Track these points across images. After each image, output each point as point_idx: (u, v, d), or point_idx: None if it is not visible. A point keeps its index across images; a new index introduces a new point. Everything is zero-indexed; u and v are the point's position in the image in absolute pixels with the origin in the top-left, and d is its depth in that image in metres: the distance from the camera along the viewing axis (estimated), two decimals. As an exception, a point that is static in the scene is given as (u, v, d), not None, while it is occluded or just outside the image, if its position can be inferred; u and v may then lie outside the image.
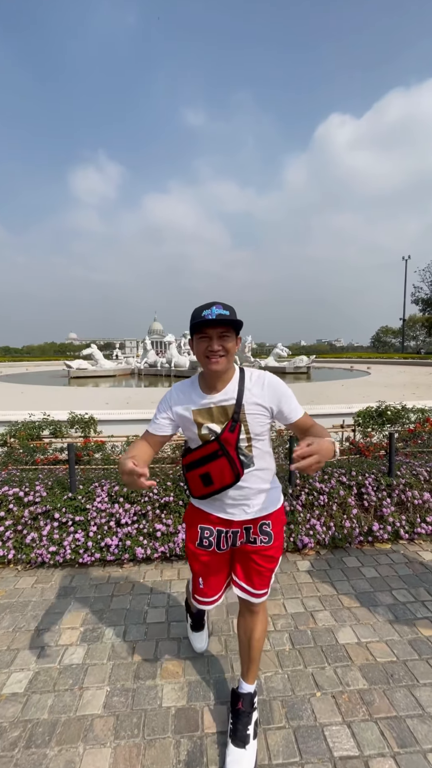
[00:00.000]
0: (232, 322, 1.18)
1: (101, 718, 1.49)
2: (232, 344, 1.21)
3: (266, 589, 1.40)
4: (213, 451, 1.25)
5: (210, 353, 1.19)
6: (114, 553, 2.53)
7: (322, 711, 1.50)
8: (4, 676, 1.69)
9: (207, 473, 1.27)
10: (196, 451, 1.28)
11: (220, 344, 1.19)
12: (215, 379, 1.25)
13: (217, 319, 1.14)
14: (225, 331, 1.19)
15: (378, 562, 2.53)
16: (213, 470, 1.26)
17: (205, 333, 1.19)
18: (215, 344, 1.18)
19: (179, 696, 1.59)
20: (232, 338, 1.21)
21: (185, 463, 1.34)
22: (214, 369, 1.20)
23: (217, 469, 1.26)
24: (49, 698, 1.58)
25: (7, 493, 2.67)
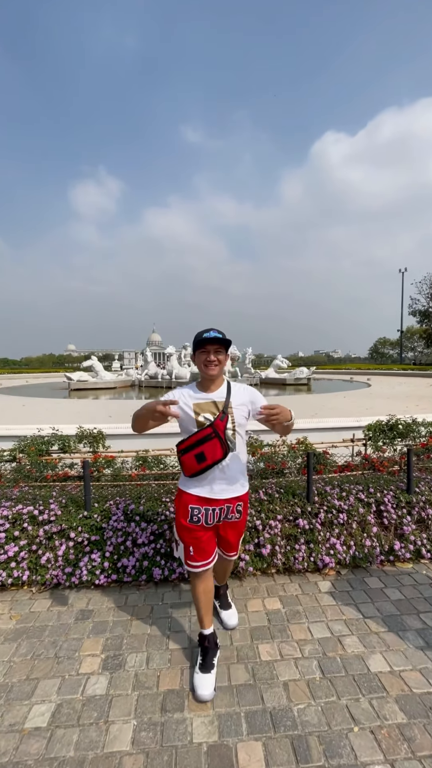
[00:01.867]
0: (224, 341, 1.65)
1: (130, 755, 1.42)
2: (223, 357, 1.69)
3: (235, 551, 1.94)
4: (207, 434, 1.63)
5: (208, 362, 1.67)
6: (131, 574, 2.46)
7: (361, 748, 1.43)
8: (26, 708, 1.62)
9: (201, 452, 1.63)
10: (193, 436, 1.64)
11: (215, 356, 1.67)
12: (210, 382, 1.73)
13: (213, 338, 1.62)
14: (219, 348, 1.67)
15: (401, 582, 2.48)
16: (206, 449, 1.63)
17: (205, 348, 1.67)
18: (212, 356, 1.67)
19: (210, 731, 1.52)
20: (223, 353, 1.70)
21: (182, 448, 1.68)
22: (210, 374, 1.68)
23: (210, 448, 1.62)
24: (74, 733, 1.51)
25: (21, 512, 2.61)
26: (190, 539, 1.75)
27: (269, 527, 2.61)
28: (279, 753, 1.42)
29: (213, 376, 1.69)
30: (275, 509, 2.69)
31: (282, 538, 2.62)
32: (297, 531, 2.64)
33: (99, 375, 20.05)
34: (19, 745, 1.46)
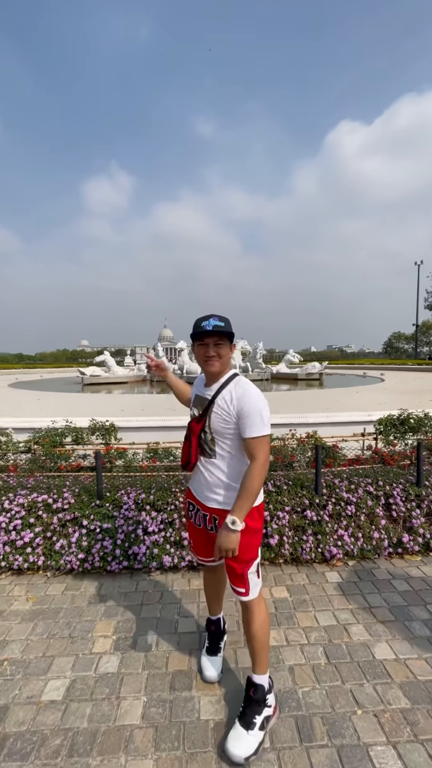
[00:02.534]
0: (225, 333, 1.41)
1: (140, 729, 1.49)
2: (225, 351, 1.44)
3: (243, 588, 1.48)
4: (187, 432, 1.53)
5: (207, 357, 1.44)
6: (141, 561, 2.53)
7: (364, 730, 1.46)
8: (42, 683, 1.71)
9: (184, 446, 1.54)
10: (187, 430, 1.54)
11: (215, 351, 1.42)
12: (210, 377, 1.50)
13: (213, 330, 1.38)
14: (219, 340, 1.42)
15: (409, 574, 2.48)
16: (184, 447, 1.54)
17: (203, 341, 1.43)
18: (211, 351, 1.43)
19: (217, 709, 1.57)
20: (226, 346, 1.44)
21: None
22: (209, 371, 1.46)
23: (185, 447, 1.53)
24: (87, 707, 1.59)
25: (36, 500, 2.71)
26: (189, 530, 1.72)
27: (277, 518, 2.64)
28: (283, 732, 1.47)
29: (213, 373, 1.46)
30: (283, 500, 2.72)
31: (290, 529, 2.65)
32: (305, 522, 2.67)
33: (111, 370, 20.31)
34: (36, 716, 1.54)
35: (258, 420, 1.35)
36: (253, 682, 1.51)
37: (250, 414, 1.35)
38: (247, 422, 1.36)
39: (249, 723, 1.43)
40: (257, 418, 1.35)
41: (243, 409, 1.37)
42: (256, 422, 1.35)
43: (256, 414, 1.35)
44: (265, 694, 1.50)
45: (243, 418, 1.37)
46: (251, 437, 1.36)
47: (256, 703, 1.47)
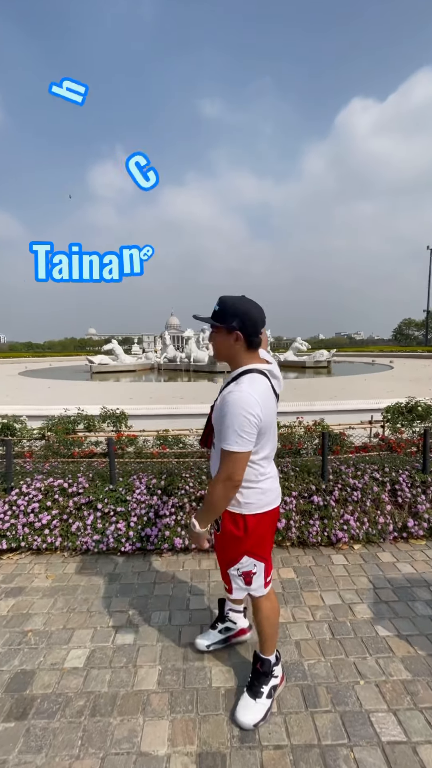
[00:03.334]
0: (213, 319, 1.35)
1: (157, 694, 1.60)
2: (217, 340, 1.38)
3: (227, 585, 1.56)
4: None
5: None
6: (153, 542, 2.64)
7: (366, 698, 1.55)
8: (64, 651, 1.83)
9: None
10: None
11: (211, 338, 1.41)
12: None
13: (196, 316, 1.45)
14: (211, 328, 1.38)
15: (413, 558, 2.55)
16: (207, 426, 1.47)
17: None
18: (209, 337, 1.43)
19: (227, 678, 1.68)
20: (220, 335, 1.36)
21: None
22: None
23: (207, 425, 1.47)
24: (107, 674, 1.71)
25: (52, 485, 2.82)
26: None
27: (284, 503, 2.72)
28: (289, 698, 1.57)
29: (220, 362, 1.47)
30: (290, 486, 2.79)
31: (297, 514, 2.73)
32: (311, 507, 2.74)
33: (119, 358, 20.48)
34: (60, 681, 1.67)
35: (227, 433, 1.23)
36: (259, 657, 1.58)
37: (224, 424, 1.25)
38: (220, 430, 1.29)
39: (257, 692, 1.51)
40: (227, 431, 1.24)
41: (219, 417, 1.29)
42: (225, 434, 1.24)
43: (228, 426, 1.23)
44: (272, 667, 1.58)
45: (218, 425, 1.30)
46: (221, 447, 1.27)
47: (263, 675, 1.55)
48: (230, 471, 1.27)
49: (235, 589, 1.54)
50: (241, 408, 1.21)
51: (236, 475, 1.28)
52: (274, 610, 1.58)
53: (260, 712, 1.48)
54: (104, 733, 1.43)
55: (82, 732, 1.44)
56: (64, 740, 1.41)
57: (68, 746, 1.39)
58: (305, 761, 1.32)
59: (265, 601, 1.56)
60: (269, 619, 1.56)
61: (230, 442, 1.23)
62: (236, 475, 1.28)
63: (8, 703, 1.56)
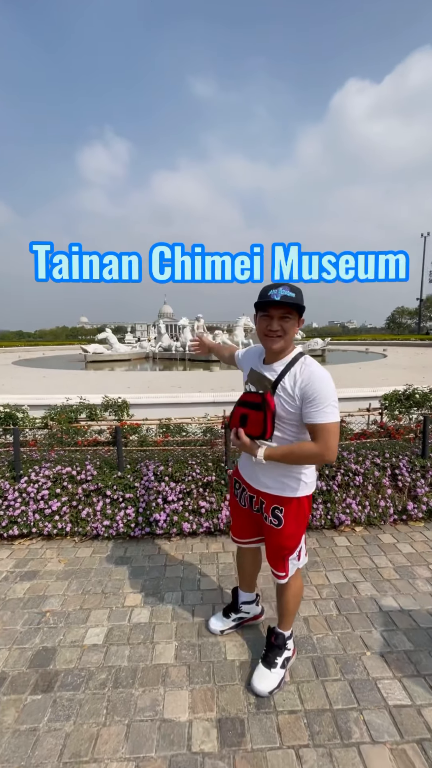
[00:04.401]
0: (295, 306, 1.29)
1: (175, 667, 1.69)
2: (290, 325, 1.32)
3: (283, 572, 1.56)
4: (258, 402, 1.36)
5: (269, 332, 1.33)
6: (162, 527, 2.71)
7: (373, 667, 1.66)
8: (83, 630, 1.90)
9: (246, 415, 1.39)
10: (249, 395, 1.41)
11: (279, 325, 1.32)
12: (271, 355, 1.40)
13: (281, 300, 1.26)
14: (287, 313, 1.31)
15: (413, 538, 2.67)
16: (251, 417, 1.37)
17: (267, 312, 1.33)
18: (275, 325, 1.32)
19: (241, 651, 1.77)
20: (293, 321, 1.33)
21: (240, 399, 1.45)
22: (270, 347, 1.36)
23: (254, 418, 1.36)
24: (125, 649, 1.78)
25: (60, 472, 2.86)
26: (231, 507, 1.76)
27: (289, 488, 2.80)
28: (301, 668, 1.66)
29: (275, 351, 1.36)
30: (295, 472, 2.87)
31: (301, 498, 2.81)
32: (315, 492, 2.82)
33: (114, 347, 20.33)
34: (81, 656, 1.74)
35: (327, 406, 1.25)
36: (274, 631, 1.68)
37: (317, 400, 1.25)
38: (313, 408, 1.26)
39: (271, 663, 1.61)
40: (325, 404, 1.25)
41: (309, 395, 1.26)
42: (326, 409, 1.25)
43: (324, 400, 1.25)
44: (286, 641, 1.67)
45: (309, 404, 1.26)
46: (319, 422, 1.25)
47: (277, 647, 1.64)
48: (332, 444, 1.25)
49: (291, 571, 1.56)
50: (327, 381, 1.27)
51: (334, 449, 1.26)
52: (301, 587, 1.67)
53: (275, 680, 1.57)
54: (128, 703, 1.52)
55: (107, 702, 1.52)
56: (90, 709, 1.49)
57: (94, 714, 1.47)
58: (318, 724, 1.42)
59: (297, 577, 1.62)
60: (296, 597, 1.65)
61: (332, 413, 1.25)
62: (334, 449, 1.26)
63: (33, 677, 1.64)
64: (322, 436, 1.26)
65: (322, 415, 1.25)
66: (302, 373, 1.30)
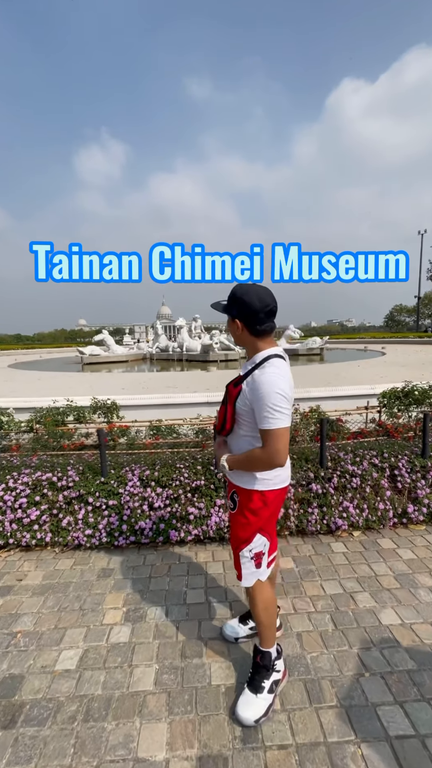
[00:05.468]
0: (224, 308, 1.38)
1: (153, 694, 1.53)
2: (232, 329, 1.38)
3: (237, 570, 1.52)
4: (225, 396, 1.45)
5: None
6: (148, 536, 2.56)
7: (372, 691, 1.50)
8: (55, 653, 1.74)
9: (220, 410, 1.48)
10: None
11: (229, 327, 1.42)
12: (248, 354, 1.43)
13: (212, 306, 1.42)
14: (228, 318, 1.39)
15: (414, 543, 2.51)
16: (219, 412, 1.49)
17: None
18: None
19: (227, 674, 1.61)
20: (229, 323, 1.39)
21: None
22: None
23: (220, 412, 1.48)
24: (101, 675, 1.62)
25: (40, 478, 2.70)
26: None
27: (282, 491, 2.64)
28: (293, 694, 1.50)
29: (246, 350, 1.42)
30: (288, 474, 2.71)
31: (295, 502, 2.66)
32: (310, 495, 2.67)
33: (111, 349, 20.18)
34: (51, 684, 1.58)
35: (268, 412, 1.24)
36: (259, 650, 1.54)
37: (259, 405, 1.26)
38: (258, 413, 1.27)
39: (257, 687, 1.46)
40: (266, 410, 1.25)
41: (255, 399, 1.28)
42: (265, 414, 1.25)
43: (265, 406, 1.24)
44: (273, 661, 1.52)
45: (256, 408, 1.28)
46: (262, 427, 1.28)
47: (263, 668, 1.50)
48: (275, 449, 1.27)
49: (245, 575, 1.49)
50: (274, 386, 1.25)
51: (281, 454, 1.28)
52: (269, 601, 1.51)
53: (261, 707, 1.42)
54: (98, 739, 1.36)
55: (75, 739, 1.36)
56: (55, 748, 1.33)
57: (60, 755, 1.31)
58: (311, 761, 1.26)
59: (260, 590, 1.50)
60: (266, 611, 1.51)
61: (275, 419, 1.25)
62: (281, 454, 1.28)
63: (-5, 710, 1.48)
64: (268, 442, 1.28)
65: (266, 422, 1.26)
66: (255, 376, 1.31)
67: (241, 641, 1.77)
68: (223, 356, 17.44)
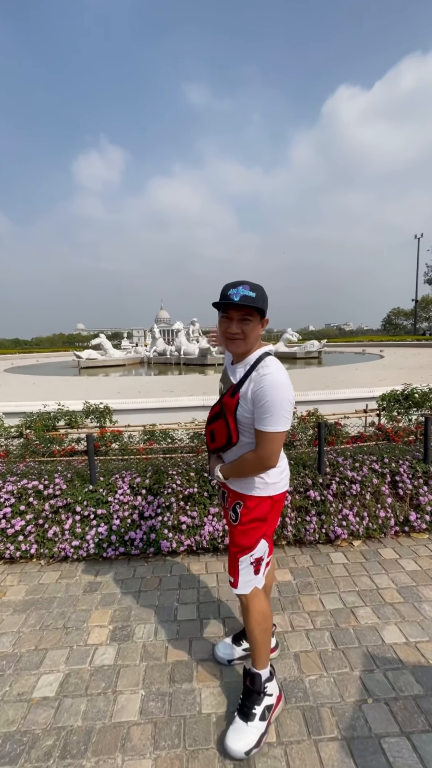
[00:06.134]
0: (255, 308, 1.18)
1: (138, 725, 1.40)
2: (251, 328, 1.22)
3: (233, 576, 1.41)
4: (217, 411, 1.35)
5: (230, 335, 1.23)
6: (138, 546, 2.43)
7: (376, 720, 1.38)
8: (34, 678, 1.61)
9: (213, 430, 1.36)
10: (212, 409, 1.39)
11: (239, 327, 1.21)
12: (235, 357, 1.32)
13: (239, 302, 1.16)
14: (247, 315, 1.20)
15: (417, 553, 2.39)
16: (216, 429, 1.34)
17: (227, 314, 1.22)
18: (234, 327, 1.21)
19: (219, 702, 1.48)
20: (254, 323, 1.22)
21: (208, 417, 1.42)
22: (231, 350, 1.28)
23: (218, 428, 1.33)
24: (81, 703, 1.50)
25: (26, 487, 2.58)
26: (224, 515, 1.60)
27: (279, 499, 2.53)
28: (290, 724, 1.38)
29: (236, 353, 1.28)
30: (285, 481, 2.60)
31: (292, 510, 2.54)
32: (308, 503, 2.56)
33: (108, 353, 20.07)
34: (27, 714, 1.45)
35: (275, 415, 1.16)
36: (249, 672, 1.42)
37: (265, 407, 1.17)
38: (261, 414, 1.19)
39: (248, 714, 1.34)
40: (273, 413, 1.17)
41: (259, 399, 1.18)
42: (273, 418, 1.17)
43: (273, 408, 1.16)
44: (263, 684, 1.40)
45: (258, 409, 1.19)
46: (263, 430, 1.19)
47: (254, 692, 1.38)
48: (270, 451, 1.21)
49: (241, 583, 1.39)
50: (282, 388, 1.17)
51: (275, 456, 1.23)
52: (264, 614, 1.40)
53: (253, 737, 1.30)
54: (75, 780, 1.23)
55: (50, 779, 1.23)
56: (27, 791, 1.20)
57: (32, 799, 1.18)
58: (310, 803, 1.14)
59: (256, 600, 1.40)
60: (261, 624, 1.40)
61: (276, 423, 1.17)
62: (275, 456, 1.23)
63: (-36, 745, 1.35)
64: (263, 443, 1.21)
65: (266, 422, 1.18)
66: (258, 376, 1.21)
67: (235, 663, 1.65)
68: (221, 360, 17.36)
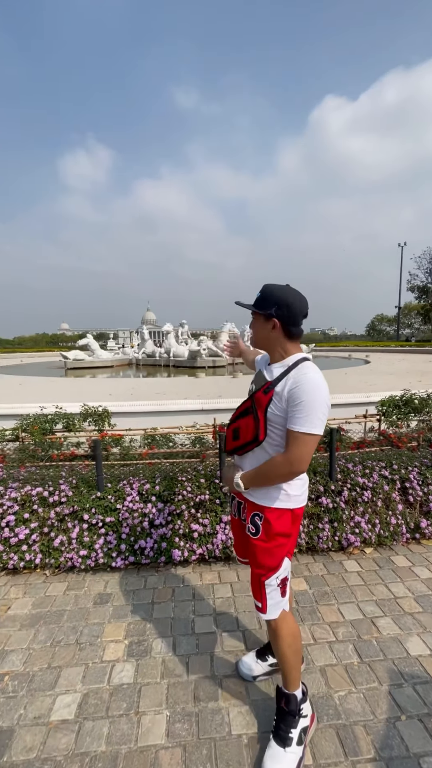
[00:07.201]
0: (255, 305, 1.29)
1: (166, 749, 1.33)
2: (257, 327, 1.31)
3: (260, 602, 1.33)
4: (246, 407, 1.32)
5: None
6: (149, 556, 2.35)
7: (412, 738, 1.35)
8: (50, 699, 1.52)
9: (237, 428, 1.33)
10: (239, 408, 1.37)
11: (251, 325, 1.34)
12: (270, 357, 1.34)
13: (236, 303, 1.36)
14: (253, 314, 1.32)
15: (429, 561, 2.40)
16: (242, 425, 1.31)
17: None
18: (249, 326, 1.37)
19: (249, 722, 1.43)
20: (258, 321, 1.30)
21: (231, 417, 1.40)
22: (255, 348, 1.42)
23: (245, 424, 1.30)
24: (104, 726, 1.42)
25: (30, 493, 2.46)
26: (231, 523, 1.56)
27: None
28: (325, 745, 1.34)
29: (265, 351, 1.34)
30: (297, 488, 2.57)
31: (305, 517, 2.52)
32: (320, 510, 2.53)
33: (95, 354, 19.74)
34: (46, 740, 1.36)
35: (310, 415, 1.14)
36: (284, 693, 1.37)
37: (301, 406, 1.15)
38: (295, 413, 1.16)
39: (285, 739, 1.29)
40: (308, 412, 1.14)
41: (295, 398, 1.16)
42: (308, 417, 1.14)
43: (310, 408, 1.14)
44: (299, 704, 1.35)
45: (293, 408, 1.16)
46: (296, 430, 1.16)
47: (290, 715, 1.33)
48: (301, 454, 1.17)
49: (270, 607, 1.32)
50: (321, 390, 1.17)
51: (306, 461, 1.19)
52: (294, 635, 1.36)
53: (291, 763, 1.25)
54: None
55: None
56: None
57: None
58: None
59: (285, 622, 1.34)
60: (292, 646, 1.35)
61: (312, 424, 1.14)
62: (306, 461, 1.19)
63: (-20, 778, 1.25)
64: (295, 445, 1.17)
65: (301, 423, 1.15)
66: (295, 376, 1.20)
67: (260, 679, 1.60)
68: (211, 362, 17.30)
